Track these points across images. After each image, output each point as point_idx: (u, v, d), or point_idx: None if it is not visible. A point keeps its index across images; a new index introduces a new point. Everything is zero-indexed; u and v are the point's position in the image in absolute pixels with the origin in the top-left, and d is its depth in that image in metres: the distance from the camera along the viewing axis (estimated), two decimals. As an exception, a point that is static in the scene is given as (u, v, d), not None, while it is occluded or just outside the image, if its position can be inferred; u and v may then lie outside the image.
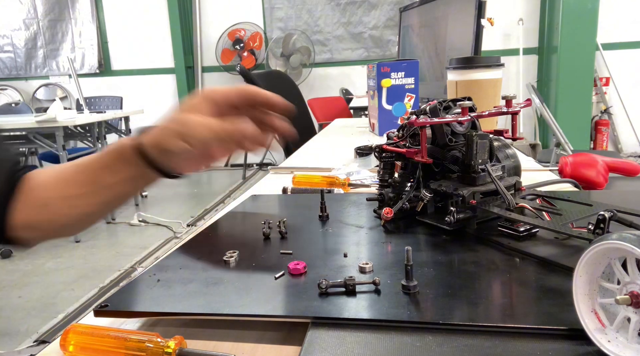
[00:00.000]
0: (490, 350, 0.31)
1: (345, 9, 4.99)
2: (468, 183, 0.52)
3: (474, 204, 0.50)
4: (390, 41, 4.96)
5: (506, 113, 0.56)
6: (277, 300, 0.39)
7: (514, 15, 4.62)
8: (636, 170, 0.79)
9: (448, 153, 0.55)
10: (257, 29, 5.02)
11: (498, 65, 1.02)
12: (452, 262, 0.44)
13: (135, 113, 4.20)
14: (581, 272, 0.30)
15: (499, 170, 0.53)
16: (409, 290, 0.38)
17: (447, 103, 0.57)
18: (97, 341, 0.35)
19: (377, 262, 0.44)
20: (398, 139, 0.58)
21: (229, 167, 5.10)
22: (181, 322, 0.40)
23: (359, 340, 0.33)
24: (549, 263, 0.42)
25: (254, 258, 0.48)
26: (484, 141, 0.51)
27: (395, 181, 0.59)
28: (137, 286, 0.44)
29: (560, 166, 0.79)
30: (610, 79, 4.47)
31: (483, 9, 1.28)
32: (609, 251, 0.29)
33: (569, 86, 4.28)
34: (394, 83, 1.33)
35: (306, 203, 0.67)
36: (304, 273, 0.43)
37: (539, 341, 0.32)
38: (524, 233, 0.48)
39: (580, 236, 0.42)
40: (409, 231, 0.53)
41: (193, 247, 0.52)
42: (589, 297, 0.30)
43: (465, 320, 0.34)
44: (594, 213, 0.45)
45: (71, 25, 5.39)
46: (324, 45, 5.10)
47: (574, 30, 4.19)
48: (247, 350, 0.36)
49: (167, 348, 0.33)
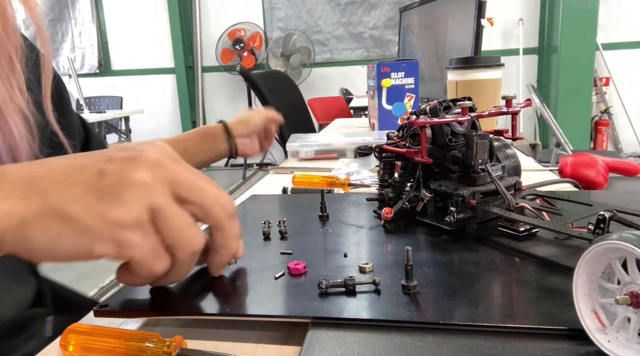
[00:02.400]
0: (490, 350, 0.31)
1: (345, 9, 4.99)
2: (468, 183, 0.52)
3: (474, 204, 0.50)
4: (390, 41, 4.96)
5: (506, 113, 0.56)
6: (277, 300, 0.39)
7: (514, 15, 4.62)
8: (636, 170, 0.79)
9: (448, 153, 0.55)
10: (257, 29, 5.02)
11: (498, 65, 1.02)
12: (452, 262, 0.44)
13: (135, 113, 4.20)
14: (581, 272, 0.30)
15: (499, 170, 0.53)
16: (409, 290, 0.38)
17: (447, 103, 0.57)
18: (97, 341, 0.35)
19: (377, 262, 0.44)
20: (398, 139, 0.58)
21: (229, 167, 5.10)
22: (181, 322, 0.40)
23: (359, 340, 0.33)
24: (549, 263, 0.42)
25: (254, 258, 0.48)
26: (484, 141, 0.51)
27: (395, 181, 0.59)
28: (137, 286, 0.44)
29: (560, 166, 0.79)
30: (610, 79, 4.47)
31: (483, 9, 1.28)
32: (609, 251, 0.29)
33: (569, 86, 4.28)
34: (394, 83, 1.33)
35: (306, 203, 0.67)
36: (304, 273, 0.43)
37: (539, 341, 0.32)
38: (524, 233, 0.48)
39: (580, 236, 0.42)
40: (409, 231, 0.53)
41: (193, 247, 0.52)
42: (589, 297, 0.30)
43: (465, 320, 0.34)
44: (594, 213, 0.45)
45: (71, 25, 5.39)
46: (324, 45, 5.10)
47: (574, 30, 4.19)
48: (247, 350, 0.36)
49: (167, 348, 0.33)
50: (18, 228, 0.29)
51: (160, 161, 0.33)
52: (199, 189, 0.34)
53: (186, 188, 0.34)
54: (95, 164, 0.32)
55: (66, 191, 0.30)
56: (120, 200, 0.30)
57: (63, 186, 0.30)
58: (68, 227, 0.30)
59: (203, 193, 0.34)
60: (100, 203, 0.30)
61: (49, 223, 0.29)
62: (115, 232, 0.30)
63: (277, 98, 2.04)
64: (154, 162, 0.33)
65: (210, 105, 5.43)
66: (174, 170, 0.33)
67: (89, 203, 0.30)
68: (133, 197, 0.31)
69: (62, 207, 0.30)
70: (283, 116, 0.90)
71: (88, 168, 0.31)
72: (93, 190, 0.30)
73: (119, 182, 0.31)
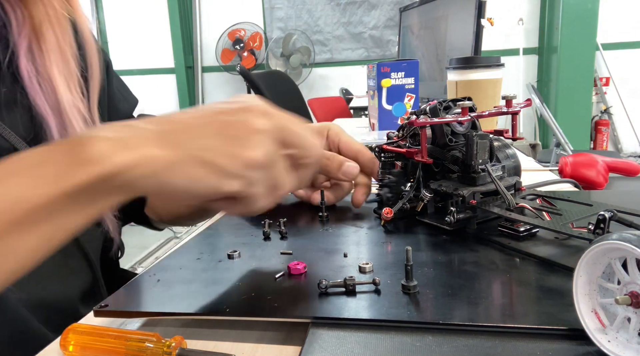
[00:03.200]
0: (490, 350, 0.31)
1: (345, 9, 4.99)
2: (468, 183, 0.52)
3: (474, 204, 0.50)
4: (390, 41, 4.96)
5: (506, 113, 0.56)
6: (277, 300, 0.39)
7: (514, 15, 4.62)
8: (636, 170, 0.79)
9: (448, 153, 0.55)
10: (257, 29, 5.02)
11: (498, 65, 1.02)
12: (452, 262, 0.44)
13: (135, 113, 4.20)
14: (581, 272, 0.30)
15: (499, 170, 0.53)
16: (409, 290, 0.38)
17: (447, 103, 0.57)
18: (97, 341, 0.35)
19: (377, 262, 0.44)
20: (398, 139, 0.58)
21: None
22: (181, 322, 0.40)
23: (359, 340, 0.33)
24: (549, 263, 0.42)
25: (254, 258, 0.48)
26: (484, 141, 0.51)
27: (391, 181, 0.59)
28: (137, 286, 0.44)
29: (560, 166, 0.79)
30: (610, 79, 4.46)
31: (483, 9, 1.28)
32: (609, 251, 0.29)
33: (569, 86, 4.27)
34: (394, 83, 1.33)
35: (306, 203, 0.67)
36: (304, 273, 0.43)
37: (539, 341, 0.32)
38: (524, 233, 0.48)
39: (580, 236, 0.42)
40: (409, 231, 0.53)
41: (193, 247, 0.52)
42: (589, 297, 0.30)
43: (465, 320, 0.34)
44: (594, 213, 0.45)
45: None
46: (324, 45, 5.10)
47: (574, 30, 4.19)
48: (247, 350, 0.36)
49: (167, 348, 0.33)
50: (161, 173, 0.34)
51: (268, 110, 0.38)
52: (298, 133, 0.40)
53: (292, 133, 0.39)
54: (218, 116, 0.37)
55: (201, 140, 0.35)
56: (248, 145, 0.36)
57: (197, 136, 0.36)
58: (206, 169, 0.35)
59: (302, 138, 0.40)
60: (232, 148, 0.35)
61: (191, 167, 0.34)
62: (246, 171, 0.36)
63: (277, 98, 2.04)
64: (264, 111, 0.38)
65: (210, 105, 5.42)
66: (279, 116, 0.39)
67: (222, 149, 0.35)
68: (258, 140, 0.36)
69: (200, 154, 0.35)
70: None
71: (214, 120, 0.37)
72: (223, 138, 0.36)
73: (244, 129, 0.36)
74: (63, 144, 0.34)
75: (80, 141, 0.33)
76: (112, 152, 0.32)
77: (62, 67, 0.54)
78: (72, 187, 0.32)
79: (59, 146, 0.34)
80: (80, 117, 0.54)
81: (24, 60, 0.51)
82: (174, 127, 0.36)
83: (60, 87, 0.53)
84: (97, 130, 0.35)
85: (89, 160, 0.32)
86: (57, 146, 0.34)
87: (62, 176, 0.32)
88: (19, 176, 0.32)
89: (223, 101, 0.39)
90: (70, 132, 0.52)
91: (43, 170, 0.32)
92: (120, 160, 0.32)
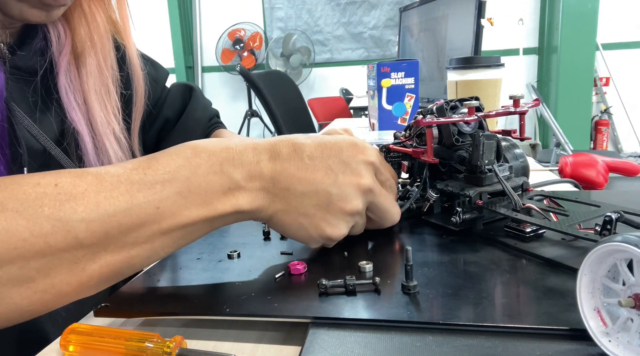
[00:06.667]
0: (491, 350, 0.31)
1: (345, 9, 4.99)
2: (475, 183, 0.52)
3: (481, 204, 0.49)
4: (390, 41, 4.96)
5: (514, 113, 0.55)
6: (277, 300, 0.39)
7: (514, 15, 4.62)
8: (636, 170, 0.78)
9: (455, 153, 0.54)
10: (257, 29, 5.02)
11: (498, 65, 1.02)
12: (457, 262, 0.44)
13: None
14: (586, 271, 0.30)
15: (506, 170, 0.52)
16: (409, 290, 0.38)
17: (454, 102, 0.56)
18: (97, 341, 0.35)
19: (377, 262, 0.44)
20: (405, 139, 0.58)
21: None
22: (181, 322, 0.40)
23: (359, 340, 0.33)
24: (555, 264, 0.42)
25: (254, 258, 0.48)
26: (491, 141, 0.51)
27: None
28: (137, 286, 0.44)
29: (560, 166, 0.79)
30: (610, 79, 4.47)
31: (483, 9, 1.28)
32: (614, 252, 0.28)
33: (569, 86, 4.28)
34: (394, 83, 1.33)
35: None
36: (304, 273, 0.43)
37: (540, 341, 0.31)
38: (531, 234, 0.47)
39: (587, 237, 0.41)
40: (415, 231, 0.53)
41: (193, 247, 0.52)
42: (592, 296, 0.30)
43: (465, 320, 0.33)
44: (601, 215, 0.44)
45: (71, 25, 5.39)
46: (324, 45, 5.10)
47: (574, 30, 4.19)
48: (247, 350, 0.36)
49: (167, 348, 0.33)
50: (269, 217, 0.42)
51: (372, 188, 0.44)
52: (385, 210, 0.48)
53: (378, 208, 0.47)
54: (324, 186, 0.42)
55: (305, 199, 0.42)
56: (340, 221, 0.44)
57: (300, 195, 0.42)
58: (309, 221, 0.42)
59: (386, 214, 0.48)
60: (327, 216, 0.43)
61: (295, 219, 0.42)
62: (347, 220, 0.44)
63: (277, 98, 2.04)
64: (366, 190, 0.44)
65: (210, 105, 5.42)
66: (377, 194, 0.46)
67: (322, 212, 0.42)
68: (353, 207, 0.43)
69: (304, 210, 0.42)
70: (283, 116, 0.88)
71: (319, 191, 0.42)
72: (324, 206, 0.42)
73: (341, 206, 0.43)
74: (211, 174, 0.39)
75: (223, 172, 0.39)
76: (245, 196, 0.40)
77: (100, 89, 0.56)
78: (215, 214, 0.39)
79: (209, 176, 0.39)
80: (114, 138, 0.57)
81: (62, 78, 0.53)
82: (283, 186, 0.41)
83: (95, 108, 0.55)
84: (232, 163, 0.40)
85: (231, 194, 0.39)
86: (206, 172, 0.39)
87: (209, 204, 0.38)
88: (174, 192, 0.37)
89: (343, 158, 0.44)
90: (102, 150, 0.56)
91: (194, 194, 0.38)
92: (248, 206, 0.40)
